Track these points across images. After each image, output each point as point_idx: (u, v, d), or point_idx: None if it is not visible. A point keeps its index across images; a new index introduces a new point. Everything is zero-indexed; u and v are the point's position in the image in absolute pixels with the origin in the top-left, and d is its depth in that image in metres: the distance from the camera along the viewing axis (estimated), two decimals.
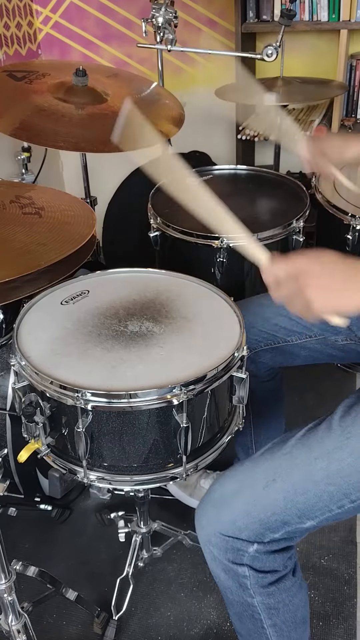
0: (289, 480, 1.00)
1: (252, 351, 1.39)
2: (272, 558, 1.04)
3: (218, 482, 1.08)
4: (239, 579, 1.04)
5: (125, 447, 1.10)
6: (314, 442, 1.02)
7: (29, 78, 1.68)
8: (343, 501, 0.99)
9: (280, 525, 1.01)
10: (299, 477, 1.00)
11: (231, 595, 1.08)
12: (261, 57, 1.91)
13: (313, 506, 0.99)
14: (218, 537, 1.03)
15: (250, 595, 1.05)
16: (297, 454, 1.02)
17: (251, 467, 1.06)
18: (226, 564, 1.04)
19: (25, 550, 1.66)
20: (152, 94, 1.86)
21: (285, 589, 1.06)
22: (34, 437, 1.16)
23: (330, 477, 0.98)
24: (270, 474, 1.02)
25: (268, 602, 1.06)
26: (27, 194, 1.38)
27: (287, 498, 1.00)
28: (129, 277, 1.38)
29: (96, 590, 1.55)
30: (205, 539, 1.05)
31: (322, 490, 0.99)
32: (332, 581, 1.57)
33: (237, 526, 1.02)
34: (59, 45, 2.70)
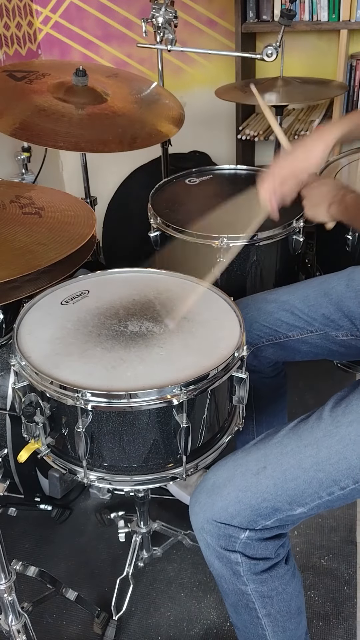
0: (279, 467, 1.03)
1: (255, 346, 1.40)
2: (264, 545, 1.05)
3: (211, 471, 1.10)
4: (232, 566, 1.06)
5: (125, 447, 1.10)
6: (304, 432, 1.04)
7: (29, 78, 1.68)
8: (332, 488, 1.00)
9: (272, 512, 1.03)
10: (288, 464, 1.02)
11: (225, 584, 1.10)
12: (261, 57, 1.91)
13: (303, 492, 1.01)
14: (211, 524, 1.05)
15: (243, 583, 1.07)
16: (287, 442, 1.05)
17: (243, 456, 1.08)
18: (219, 550, 1.06)
19: (25, 550, 1.66)
20: (152, 94, 1.86)
21: (278, 576, 1.08)
22: (34, 437, 1.16)
23: (320, 464, 1.00)
24: (261, 462, 1.04)
25: (261, 589, 1.07)
26: (27, 194, 1.38)
27: (277, 484, 1.02)
28: (129, 277, 1.38)
29: (96, 590, 1.55)
30: (199, 526, 1.07)
31: (311, 477, 1.01)
32: (332, 581, 1.57)
33: (229, 513, 1.04)
34: (59, 45, 2.69)
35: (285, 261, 1.69)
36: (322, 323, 1.35)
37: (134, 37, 2.61)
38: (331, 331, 1.35)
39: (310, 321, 1.35)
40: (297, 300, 1.37)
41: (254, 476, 1.04)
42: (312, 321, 1.35)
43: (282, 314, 1.37)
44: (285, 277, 1.70)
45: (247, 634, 1.15)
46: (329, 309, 1.34)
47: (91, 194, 2.12)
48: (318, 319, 1.34)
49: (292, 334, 1.38)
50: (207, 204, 1.77)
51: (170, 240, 1.64)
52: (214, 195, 1.82)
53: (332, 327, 1.34)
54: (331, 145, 1.22)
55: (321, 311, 1.34)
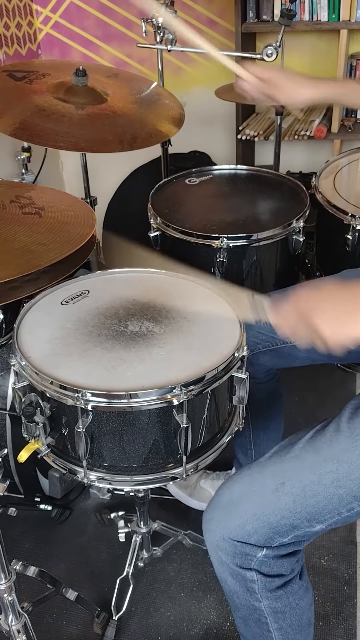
0: (298, 483, 1.00)
1: (251, 353, 1.39)
2: (280, 562, 1.03)
3: (226, 486, 1.07)
4: (246, 584, 1.04)
5: (125, 447, 1.10)
6: (322, 445, 1.01)
7: (29, 78, 1.68)
8: (353, 504, 0.98)
9: (290, 530, 1.00)
10: (308, 480, 0.99)
11: (238, 600, 1.07)
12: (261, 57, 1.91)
13: (322, 509, 0.99)
14: (227, 542, 1.02)
15: (257, 600, 1.05)
16: (305, 456, 1.02)
17: (259, 470, 1.05)
18: (234, 568, 1.03)
19: (25, 550, 1.66)
20: (152, 94, 1.86)
21: (293, 592, 1.06)
22: (34, 437, 1.15)
23: (340, 480, 0.98)
24: (279, 478, 1.01)
25: (275, 606, 1.05)
26: (27, 194, 1.38)
27: (297, 501, 0.99)
28: (129, 277, 1.38)
29: (96, 590, 1.55)
30: (214, 544, 1.04)
31: (331, 494, 0.98)
32: (332, 581, 1.57)
33: (246, 530, 1.01)
34: (59, 45, 2.69)
35: (285, 261, 1.69)
36: None
37: (134, 37, 2.61)
38: None
39: None
40: None
41: (272, 493, 1.01)
42: None
43: None
44: (285, 277, 1.70)
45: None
46: None
47: (91, 194, 2.11)
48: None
49: (289, 340, 1.37)
50: (207, 204, 1.77)
51: (170, 240, 1.64)
52: (213, 195, 1.82)
53: None
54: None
55: None
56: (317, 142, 2.55)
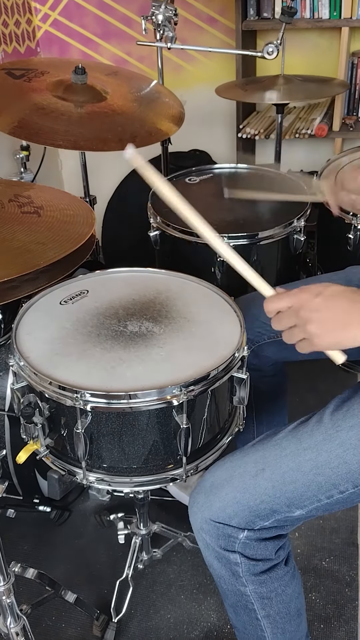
0: (278, 469, 1.03)
1: (256, 344, 1.39)
2: (263, 545, 1.06)
3: (209, 471, 1.10)
4: (231, 567, 1.06)
5: (125, 448, 1.10)
6: (304, 434, 1.04)
7: (27, 76, 1.68)
8: (332, 491, 1.00)
9: (270, 513, 1.03)
10: (287, 467, 1.02)
11: (225, 585, 1.10)
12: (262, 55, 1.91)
13: (301, 495, 1.01)
14: (209, 524, 1.05)
15: (242, 584, 1.07)
16: (286, 444, 1.04)
17: (241, 457, 1.08)
18: (218, 550, 1.06)
19: (24, 552, 1.66)
20: (152, 92, 1.86)
21: (278, 577, 1.08)
22: (32, 438, 1.15)
23: (319, 468, 1.00)
24: (260, 464, 1.04)
25: (260, 590, 1.07)
26: (25, 193, 1.38)
27: (276, 487, 1.02)
28: (129, 276, 1.38)
29: (95, 593, 1.55)
30: (198, 526, 1.07)
31: (310, 480, 1.00)
32: (334, 583, 1.57)
33: (227, 513, 1.04)
34: (57, 43, 2.69)
35: (286, 260, 1.69)
36: None
37: (133, 34, 2.61)
38: None
39: None
40: None
41: (252, 478, 1.04)
42: None
43: None
44: (286, 276, 1.70)
45: (246, 635, 1.15)
46: None
47: (90, 192, 2.12)
48: None
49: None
50: (208, 203, 1.77)
51: (170, 240, 1.64)
52: (214, 195, 1.82)
53: None
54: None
55: None
56: (318, 141, 2.55)
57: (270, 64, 2.18)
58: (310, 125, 2.36)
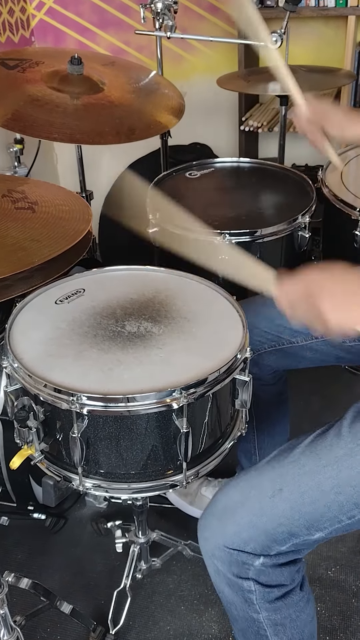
0: (296, 489, 1.00)
1: (256, 353, 1.39)
2: (278, 572, 1.03)
3: (222, 492, 1.08)
4: (244, 594, 1.04)
5: (123, 453, 1.10)
6: (322, 449, 1.01)
7: (21, 66, 1.68)
8: (353, 511, 0.98)
9: (287, 537, 1.00)
10: (307, 486, 0.99)
11: (235, 611, 1.07)
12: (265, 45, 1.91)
13: (322, 516, 0.99)
14: (222, 550, 1.03)
15: (255, 611, 1.05)
16: (305, 461, 1.02)
17: (256, 476, 1.05)
18: (231, 578, 1.04)
19: (17, 561, 1.66)
20: (151, 83, 1.86)
21: (293, 604, 1.06)
22: (26, 442, 1.15)
23: (340, 486, 0.98)
24: (277, 483, 1.01)
25: (274, 617, 1.05)
26: (19, 188, 1.38)
27: (295, 508, 0.99)
28: (127, 275, 1.38)
29: (92, 603, 1.55)
30: (209, 553, 1.05)
31: (331, 500, 0.98)
32: (340, 594, 1.57)
33: (242, 538, 1.01)
34: (53, 32, 2.69)
35: (290, 258, 1.69)
36: None
37: (131, 23, 2.61)
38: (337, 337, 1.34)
39: None
40: None
41: (270, 499, 1.01)
42: None
43: (285, 320, 1.34)
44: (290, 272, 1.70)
45: None
46: None
47: (87, 187, 2.11)
48: None
49: (296, 340, 1.37)
50: (209, 199, 1.77)
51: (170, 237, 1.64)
52: (215, 189, 1.82)
53: None
54: None
55: None
56: None
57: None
58: None
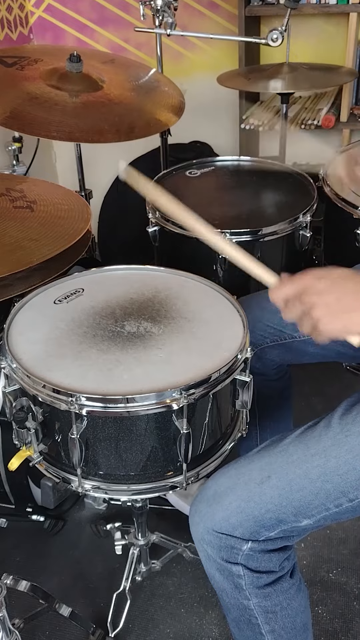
0: (284, 477, 1.02)
1: (258, 347, 1.39)
2: (267, 557, 1.05)
3: (212, 479, 1.10)
4: (233, 579, 1.06)
5: (122, 454, 1.10)
6: (311, 440, 1.04)
7: (20, 64, 1.68)
8: (340, 499, 1.00)
9: (276, 523, 1.02)
10: (294, 474, 1.02)
11: (227, 598, 1.09)
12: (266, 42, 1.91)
13: (309, 504, 1.01)
14: (211, 535, 1.05)
15: (245, 597, 1.07)
16: (293, 450, 1.04)
17: (246, 464, 1.07)
18: (220, 562, 1.06)
19: (16, 564, 1.66)
20: (151, 81, 1.86)
21: (283, 590, 1.07)
22: (25, 444, 1.15)
23: (327, 475, 1.00)
24: (265, 471, 1.04)
25: (265, 604, 1.07)
26: (18, 187, 1.38)
27: (282, 495, 1.02)
28: (126, 274, 1.38)
29: (91, 606, 1.55)
30: (199, 537, 1.07)
31: (318, 488, 1.00)
32: (341, 596, 1.57)
33: (230, 523, 1.03)
34: (52, 29, 2.69)
35: (291, 258, 1.69)
36: None
37: (131, 20, 2.61)
38: None
39: None
40: None
41: (258, 486, 1.03)
42: None
43: None
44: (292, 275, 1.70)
45: None
46: None
47: (86, 186, 2.12)
48: None
49: (299, 335, 1.38)
50: (209, 197, 1.77)
51: (170, 236, 1.64)
52: (216, 188, 1.82)
53: None
54: None
55: None
56: (325, 132, 2.55)
57: (274, 52, 2.18)
58: (317, 116, 2.36)
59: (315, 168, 1.76)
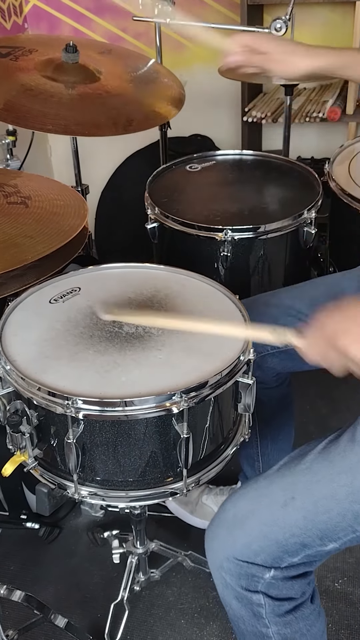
0: (309, 498, 1.00)
1: (259, 355, 1.38)
2: (289, 584, 1.03)
3: (230, 501, 1.08)
4: (252, 608, 1.04)
5: (120, 459, 1.10)
6: (336, 456, 1.02)
7: (14, 54, 1.68)
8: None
9: (300, 548, 1.00)
10: (320, 495, 0.99)
11: (243, 626, 1.07)
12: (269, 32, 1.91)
13: (336, 526, 0.99)
14: (231, 562, 1.02)
15: (264, 625, 1.05)
16: (317, 469, 1.02)
17: (267, 485, 1.05)
18: (239, 591, 1.03)
19: (10, 573, 1.66)
20: (150, 72, 1.86)
21: (303, 617, 1.06)
22: (19, 448, 1.16)
23: (355, 494, 0.98)
24: (289, 492, 1.01)
25: (284, 632, 1.05)
26: (12, 182, 1.38)
27: (308, 517, 0.99)
28: (124, 273, 1.38)
29: (88, 617, 1.55)
30: (217, 565, 1.04)
31: (345, 509, 0.98)
32: (347, 607, 1.57)
33: (252, 550, 1.01)
34: (47, 18, 2.69)
35: (295, 256, 1.69)
36: None
37: (129, 9, 2.60)
38: None
39: None
40: (303, 305, 1.35)
41: (281, 508, 1.01)
42: None
43: (289, 320, 1.35)
44: (296, 273, 1.70)
45: None
46: None
47: (82, 181, 2.12)
48: None
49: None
50: (210, 193, 1.77)
51: (169, 233, 1.64)
52: (217, 183, 1.82)
53: None
54: (314, 60, 1.22)
55: None
56: (330, 125, 2.55)
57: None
58: (322, 108, 2.36)
59: (320, 162, 1.77)
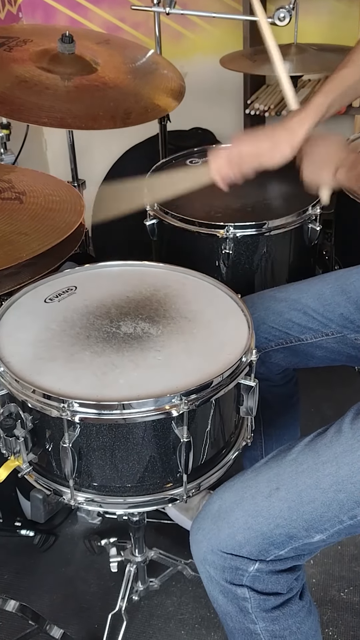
0: (294, 488, 1.02)
1: (262, 351, 1.39)
2: (275, 579, 1.05)
3: (216, 494, 1.09)
4: (238, 602, 1.05)
5: (118, 464, 1.10)
6: (322, 447, 1.04)
7: (8, 45, 1.68)
8: (355, 510, 0.99)
9: (286, 540, 1.02)
10: (305, 484, 1.01)
11: (231, 622, 1.09)
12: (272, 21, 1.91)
13: (321, 516, 1.00)
14: (215, 554, 1.04)
15: (252, 621, 1.06)
16: (303, 459, 1.04)
17: (253, 476, 1.07)
18: (224, 585, 1.05)
19: (4, 582, 1.66)
20: (149, 63, 1.86)
21: (292, 613, 1.07)
22: (13, 453, 1.16)
23: (340, 483, 1.00)
24: (274, 482, 1.03)
25: (272, 629, 1.06)
26: (6, 177, 1.38)
27: (292, 508, 1.01)
28: (122, 271, 1.38)
29: (85, 628, 1.56)
30: (201, 557, 1.06)
31: (330, 499, 1.00)
32: (353, 617, 1.57)
33: (236, 541, 1.03)
34: (42, 7, 2.70)
35: (299, 253, 1.69)
36: (339, 325, 1.35)
37: None
38: (350, 334, 1.35)
39: (325, 322, 1.35)
40: (310, 299, 1.36)
41: (266, 499, 1.03)
42: (328, 322, 1.35)
43: (294, 314, 1.37)
44: (300, 271, 1.70)
45: None
46: (348, 309, 1.33)
47: (79, 176, 2.12)
48: (335, 320, 1.34)
49: (305, 337, 1.38)
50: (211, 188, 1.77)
51: (169, 230, 1.64)
52: None
53: (350, 329, 1.34)
54: (298, 145, 1.31)
55: (339, 311, 1.34)
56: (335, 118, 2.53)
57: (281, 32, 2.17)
58: None
59: None
